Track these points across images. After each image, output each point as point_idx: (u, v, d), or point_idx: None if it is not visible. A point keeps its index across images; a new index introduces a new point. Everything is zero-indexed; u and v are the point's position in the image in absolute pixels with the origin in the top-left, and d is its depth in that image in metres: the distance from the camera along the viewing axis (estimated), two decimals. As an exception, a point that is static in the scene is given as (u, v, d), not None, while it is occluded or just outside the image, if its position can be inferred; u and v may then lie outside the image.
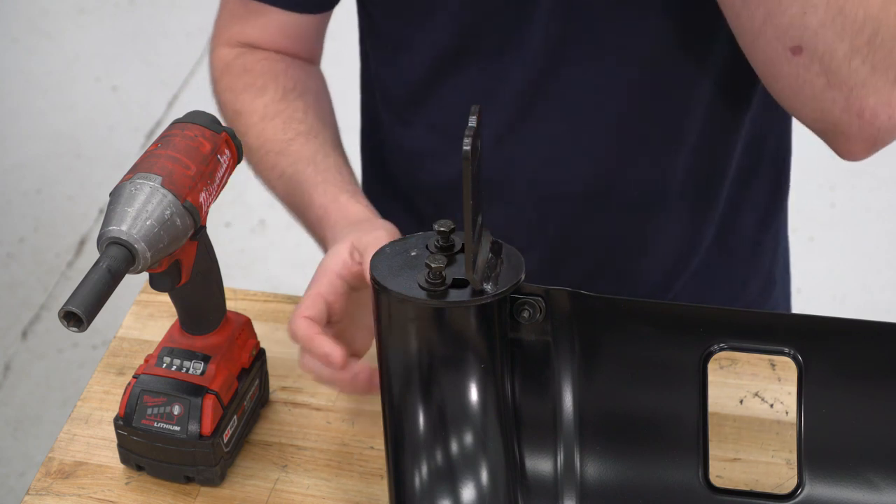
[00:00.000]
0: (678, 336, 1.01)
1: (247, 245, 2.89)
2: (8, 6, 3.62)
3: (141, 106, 3.26)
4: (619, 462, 1.04)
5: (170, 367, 1.12)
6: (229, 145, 1.09)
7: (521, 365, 1.02)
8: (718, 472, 1.13)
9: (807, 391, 1.01)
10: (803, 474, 1.03)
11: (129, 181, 1.01)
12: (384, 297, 0.97)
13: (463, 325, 0.98)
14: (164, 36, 3.50)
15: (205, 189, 1.04)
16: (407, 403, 1.01)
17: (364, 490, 1.13)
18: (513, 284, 0.97)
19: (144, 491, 1.13)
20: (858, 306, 2.69)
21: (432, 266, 0.96)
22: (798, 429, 1.02)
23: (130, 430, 1.11)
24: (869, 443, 1.02)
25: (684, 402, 1.02)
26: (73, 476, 1.15)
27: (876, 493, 1.02)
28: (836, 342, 0.99)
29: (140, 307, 1.31)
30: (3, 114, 3.27)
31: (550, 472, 1.04)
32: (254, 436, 1.18)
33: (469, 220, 0.93)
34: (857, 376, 1.00)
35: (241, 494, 1.13)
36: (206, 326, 1.14)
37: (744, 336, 1.00)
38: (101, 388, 1.23)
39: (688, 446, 1.03)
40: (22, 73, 3.39)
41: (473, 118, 0.91)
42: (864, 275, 2.77)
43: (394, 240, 1.02)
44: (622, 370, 1.02)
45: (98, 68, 3.40)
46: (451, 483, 1.01)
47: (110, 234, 0.98)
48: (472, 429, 1.00)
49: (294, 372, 1.23)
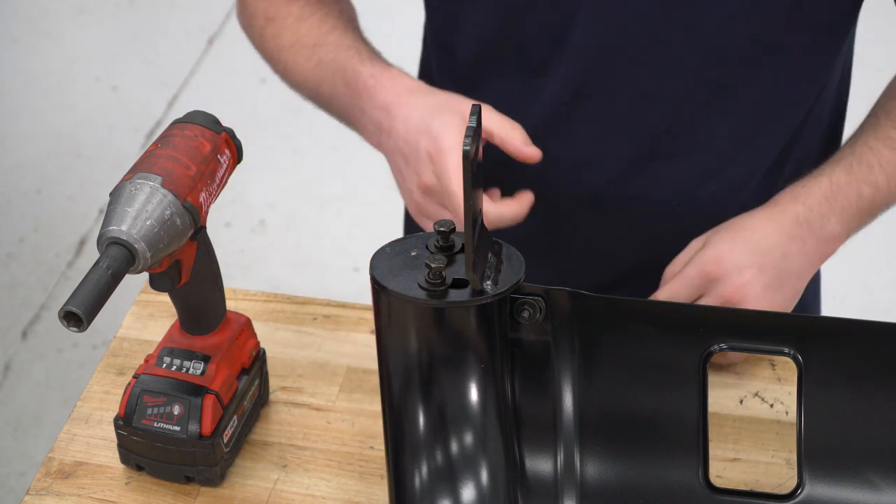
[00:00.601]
0: (678, 336, 1.01)
1: (247, 245, 2.89)
2: (8, 6, 3.62)
3: (141, 106, 3.26)
4: (619, 462, 1.04)
5: (170, 367, 1.12)
6: (229, 145, 1.09)
7: (521, 365, 1.02)
8: (718, 472, 1.12)
9: (807, 391, 1.01)
10: (803, 474, 1.03)
11: (129, 181, 1.01)
12: (384, 297, 0.97)
13: (463, 325, 0.98)
14: (164, 36, 3.50)
15: (205, 189, 1.04)
16: (407, 403, 1.01)
17: (364, 490, 1.13)
18: (513, 284, 0.97)
19: (144, 491, 1.13)
20: (858, 306, 2.69)
21: (432, 266, 0.95)
22: (798, 429, 1.02)
23: (130, 430, 1.11)
24: (869, 443, 1.02)
25: (684, 402, 1.02)
26: (73, 476, 1.15)
27: (876, 493, 1.02)
28: (836, 342, 0.99)
29: (140, 307, 1.31)
30: (3, 114, 3.27)
31: (550, 472, 1.04)
32: (254, 436, 1.18)
33: (469, 220, 0.93)
34: (857, 376, 1.00)
35: (241, 494, 1.13)
36: (206, 326, 1.14)
37: (744, 336, 1.00)
38: (101, 388, 1.23)
39: (688, 446, 1.03)
40: (22, 73, 3.39)
41: (474, 118, 0.91)
42: (864, 275, 2.77)
43: (394, 240, 1.02)
44: (622, 370, 1.02)
45: (98, 68, 3.39)
46: (451, 483, 1.01)
47: (110, 234, 0.98)
48: (472, 429, 1.00)
49: (294, 372, 1.24)
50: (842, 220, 1.22)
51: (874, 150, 1.25)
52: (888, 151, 1.25)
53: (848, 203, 1.23)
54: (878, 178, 1.24)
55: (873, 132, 1.27)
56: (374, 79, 1.23)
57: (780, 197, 1.24)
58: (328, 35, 1.30)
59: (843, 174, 1.24)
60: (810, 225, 1.21)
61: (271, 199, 2.99)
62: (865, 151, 1.25)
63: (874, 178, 1.24)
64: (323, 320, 1.29)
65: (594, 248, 1.35)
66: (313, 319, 1.29)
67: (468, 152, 0.90)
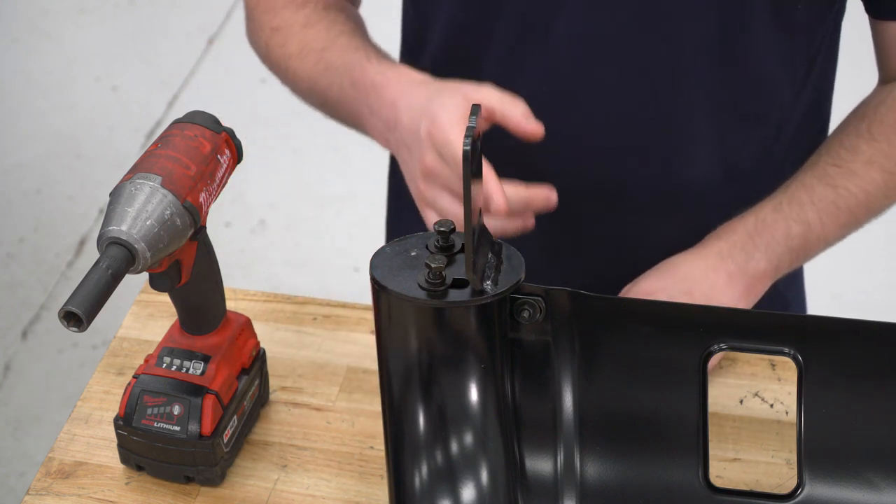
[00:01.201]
0: (678, 336, 1.01)
1: (247, 245, 2.89)
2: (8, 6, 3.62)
3: (141, 106, 3.26)
4: (619, 462, 1.04)
5: (170, 367, 1.12)
6: (229, 145, 1.09)
7: (521, 365, 1.02)
8: (718, 472, 1.12)
9: (807, 391, 1.01)
10: (803, 474, 1.03)
11: (129, 181, 1.01)
12: (384, 297, 0.97)
13: (463, 325, 0.98)
14: (164, 36, 3.50)
15: (205, 189, 1.04)
16: (407, 403, 1.01)
17: (364, 490, 1.13)
18: (513, 284, 0.97)
19: (144, 491, 1.13)
20: (858, 306, 2.69)
21: (432, 266, 0.95)
22: (798, 429, 1.02)
23: (130, 430, 1.11)
24: (869, 443, 1.02)
25: (684, 401, 1.02)
26: (73, 476, 1.15)
27: (876, 493, 1.02)
28: (836, 342, 0.99)
29: (140, 307, 1.31)
30: (3, 114, 3.27)
31: (550, 472, 1.04)
32: (254, 436, 1.18)
33: (469, 220, 0.93)
34: (857, 376, 1.00)
35: (241, 494, 1.13)
36: (206, 326, 1.14)
37: (744, 336, 1.00)
38: (101, 388, 1.23)
39: (688, 446, 1.03)
40: (22, 73, 3.39)
41: (473, 118, 0.91)
42: (864, 275, 2.77)
43: (394, 240, 1.02)
44: (622, 370, 1.02)
45: (98, 68, 3.39)
46: (451, 483, 1.01)
47: (110, 234, 0.98)
48: (472, 429, 1.00)
49: (294, 372, 1.24)
50: (767, 257, 1.24)
51: (807, 187, 1.27)
52: (822, 187, 1.26)
53: (774, 240, 1.24)
54: (809, 215, 1.25)
55: (811, 170, 1.28)
56: (381, 75, 1.22)
57: (706, 237, 1.27)
58: (336, 39, 1.29)
59: (771, 212, 1.26)
60: (734, 259, 1.23)
61: (271, 199, 2.99)
62: (798, 189, 1.27)
63: (805, 216, 1.25)
64: (323, 320, 1.29)
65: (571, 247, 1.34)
66: (313, 319, 1.29)
67: (468, 152, 0.90)
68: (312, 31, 1.31)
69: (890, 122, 1.28)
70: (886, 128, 1.27)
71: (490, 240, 1.00)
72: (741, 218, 1.26)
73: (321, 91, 1.30)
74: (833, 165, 1.27)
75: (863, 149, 1.27)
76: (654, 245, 1.34)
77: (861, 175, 1.26)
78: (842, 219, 1.27)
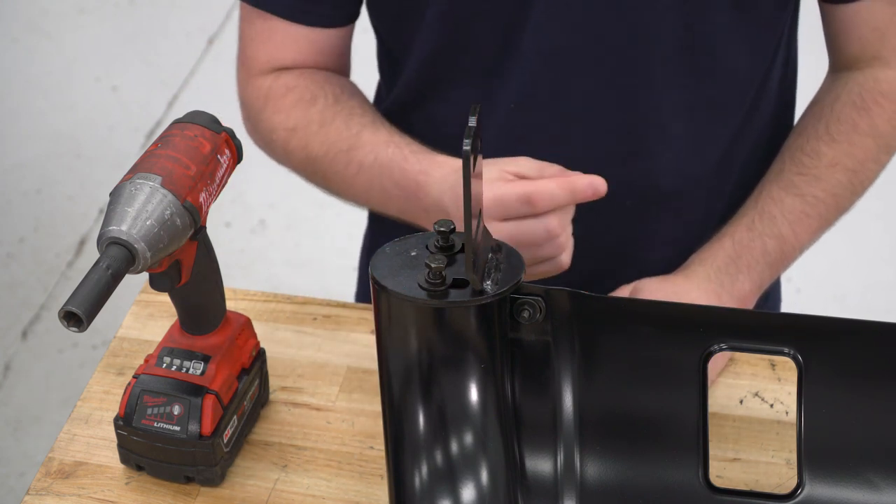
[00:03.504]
0: (678, 336, 1.01)
1: (247, 245, 2.89)
2: (8, 6, 3.62)
3: (141, 106, 3.26)
4: (619, 462, 1.04)
5: (170, 367, 1.12)
6: (229, 145, 1.09)
7: (521, 365, 1.02)
8: (718, 472, 1.12)
9: (807, 391, 1.01)
10: (803, 474, 1.03)
11: (129, 181, 1.01)
12: (384, 297, 0.97)
13: (463, 325, 0.98)
14: (164, 36, 3.50)
15: (205, 189, 1.04)
16: (407, 403, 1.01)
17: (364, 490, 1.13)
18: (513, 284, 0.97)
19: (144, 491, 1.13)
20: (858, 306, 2.69)
21: (432, 266, 0.95)
22: (798, 429, 1.02)
23: (130, 430, 1.11)
24: (869, 443, 1.02)
25: (684, 401, 1.02)
26: (73, 476, 1.15)
27: (876, 493, 1.02)
28: (836, 342, 0.99)
29: (140, 307, 1.31)
30: (3, 114, 3.27)
31: (550, 472, 1.04)
32: (254, 436, 1.18)
33: (469, 220, 0.93)
34: (857, 376, 1.00)
35: (241, 494, 1.13)
36: (206, 326, 1.14)
37: (744, 336, 1.00)
38: (101, 388, 1.23)
39: (688, 446, 1.03)
40: (22, 73, 3.39)
41: (473, 118, 0.91)
42: (864, 275, 2.77)
43: (394, 240, 1.02)
44: (622, 370, 1.02)
45: (98, 68, 3.39)
46: (451, 483, 1.01)
47: (110, 234, 0.98)
48: (472, 429, 1.00)
49: (294, 372, 1.24)
50: (750, 278, 1.27)
51: (776, 200, 1.29)
52: (790, 198, 1.28)
53: (754, 260, 1.27)
54: (782, 229, 1.27)
55: (777, 180, 1.30)
56: (424, 175, 1.22)
57: (689, 261, 1.29)
58: (359, 136, 1.29)
59: (746, 232, 1.28)
60: (721, 282, 1.25)
61: (271, 199, 2.99)
62: (768, 203, 1.29)
63: (777, 230, 1.27)
64: (323, 320, 1.29)
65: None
66: (313, 319, 1.29)
67: (468, 152, 0.90)
68: (332, 129, 1.31)
69: (846, 119, 1.30)
70: (844, 126, 1.30)
71: (490, 240, 1.00)
72: (718, 241, 1.28)
73: (362, 193, 1.30)
74: (798, 174, 1.30)
75: (824, 151, 1.30)
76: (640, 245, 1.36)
77: (826, 179, 1.29)
78: (813, 225, 1.30)
